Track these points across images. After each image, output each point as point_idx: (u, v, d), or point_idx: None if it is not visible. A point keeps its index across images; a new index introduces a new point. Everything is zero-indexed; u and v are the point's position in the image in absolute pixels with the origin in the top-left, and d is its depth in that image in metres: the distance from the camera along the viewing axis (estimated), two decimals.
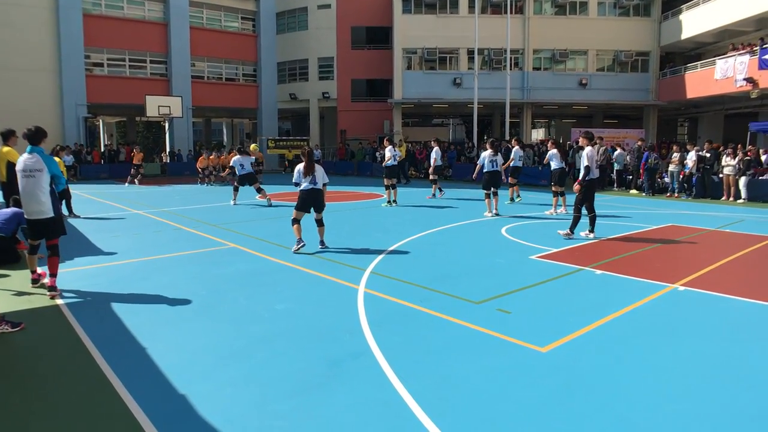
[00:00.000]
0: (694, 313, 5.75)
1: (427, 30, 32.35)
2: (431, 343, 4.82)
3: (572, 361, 4.42)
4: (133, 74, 32.54)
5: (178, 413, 3.58)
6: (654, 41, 32.73)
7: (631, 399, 3.76)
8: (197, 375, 4.16)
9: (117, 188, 22.18)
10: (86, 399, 3.82)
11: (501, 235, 10.47)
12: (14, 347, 4.84)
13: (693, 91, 28.90)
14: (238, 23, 36.55)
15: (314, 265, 7.88)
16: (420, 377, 4.09)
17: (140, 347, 4.73)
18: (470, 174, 26.02)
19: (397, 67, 32.78)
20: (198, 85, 34.36)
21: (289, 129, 45.80)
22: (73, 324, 5.35)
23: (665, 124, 36.89)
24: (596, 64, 33.39)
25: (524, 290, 6.52)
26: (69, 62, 29.56)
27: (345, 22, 36.32)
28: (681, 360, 4.48)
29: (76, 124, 30.02)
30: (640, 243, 9.74)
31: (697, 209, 15.20)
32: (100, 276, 7.27)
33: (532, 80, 32.83)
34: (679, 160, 18.98)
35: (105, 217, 13.08)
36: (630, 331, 5.12)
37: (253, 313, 5.69)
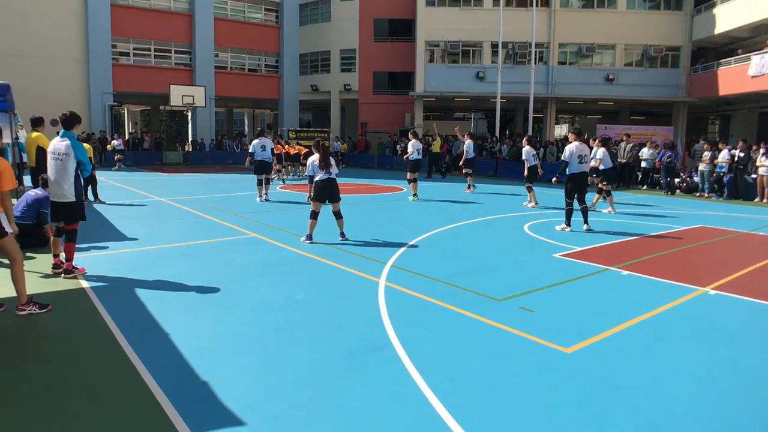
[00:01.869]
0: (726, 319, 5.56)
1: (451, 23, 32.06)
2: (453, 339, 4.74)
3: (598, 363, 4.30)
4: (158, 64, 32.80)
5: (200, 398, 3.58)
6: (685, 36, 31.99)
7: (659, 404, 3.64)
8: (218, 361, 4.16)
9: (140, 175, 22.39)
10: (111, 381, 3.85)
11: (524, 231, 10.32)
12: (42, 328, 4.89)
13: (726, 88, 28.17)
14: (262, 14, 36.60)
15: (334, 256, 7.83)
16: (441, 373, 4.02)
17: (163, 332, 4.75)
18: (492, 169, 25.95)
19: (419, 60, 32.57)
20: (221, 75, 34.53)
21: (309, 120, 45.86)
22: (98, 307, 5.42)
23: (695, 122, 36.08)
24: (624, 59, 32.78)
25: (548, 289, 6.39)
26: (96, 51, 29.92)
27: (368, 15, 36.17)
28: (711, 366, 4.33)
29: (102, 112, 30.40)
30: (668, 244, 9.52)
31: (728, 210, 14.82)
32: (124, 261, 7.33)
33: (557, 75, 32.39)
34: (709, 159, 18.53)
35: (128, 204, 13.19)
36: (658, 335, 4.97)
37: (273, 303, 5.67)
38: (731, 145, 18.82)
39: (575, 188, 10.22)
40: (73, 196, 6.38)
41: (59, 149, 6.31)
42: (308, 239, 8.75)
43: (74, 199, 6.40)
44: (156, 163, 29.43)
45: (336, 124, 38.62)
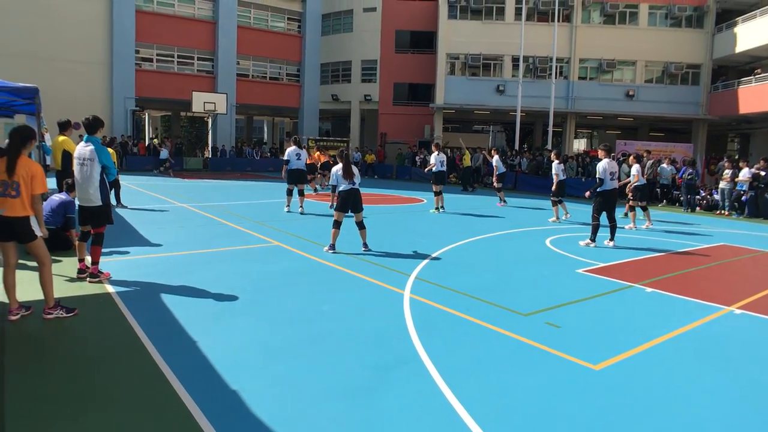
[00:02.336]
0: (752, 339, 5.50)
1: (472, 36, 32.17)
2: (480, 353, 4.74)
3: (627, 381, 4.28)
4: (181, 70, 33.26)
5: (231, 408, 3.60)
6: (706, 54, 31.83)
7: (688, 425, 3.62)
8: (247, 371, 4.18)
9: (161, 180, 22.64)
10: (140, 388, 3.87)
11: (546, 246, 10.29)
12: (69, 332, 4.94)
13: (746, 107, 27.99)
14: (284, 23, 37.00)
15: (358, 267, 7.87)
16: (470, 387, 4.02)
17: (190, 340, 4.78)
18: (511, 182, 25.89)
19: (440, 72, 32.69)
20: (242, 83, 34.93)
21: (329, 129, 46.13)
22: (124, 312, 5.46)
23: (715, 139, 35.81)
24: (644, 76, 32.65)
25: (573, 304, 6.37)
26: (120, 56, 30.43)
27: (389, 26, 36.41)
28: (741, 387, 4.29)
29: (124, 117, 30.84)
30: (691, 261, 9.45)
31: (749, 229, 14.67)
32: (149, 267, 7.40)
33: (577, 90, 32.32)
34: (730, 177, 18.39)
35: (151, 209, 13.34)
36: (686, 354, 4.94)
37: (299, 313, 5.69)
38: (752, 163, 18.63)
39: (605, 205, 10.19)
40: (99, 200, 6.46)
41: (84, 154, 6.38)
42: (331, 249, 8.80)
43: (100, 203, 6.47)
44: (176, 169, 29.72)
45: (355, 134, 38.83)
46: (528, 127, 38.54)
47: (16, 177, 4.98)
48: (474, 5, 32.03)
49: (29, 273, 6.60)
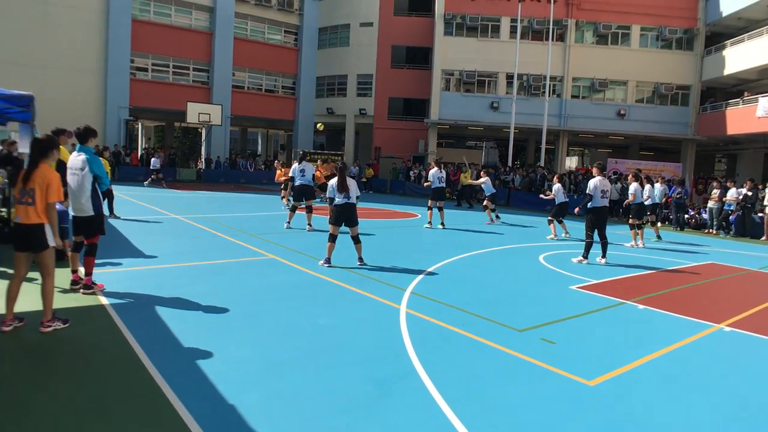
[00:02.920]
0: (742, 356, 5.61)
1: (467, 53, 32.48)
2: (477, 368, 4.79)
3: (621, 396, 4.35)
4: (176, 80, 33.23)
5: (230, 423, 3.60)
6: (695, 75, 32.31)
7: None
8: (245, 385, 4.19)
9: (154, 191, 22.59)
10: (137, 401, 3.86)
11: (539, 262, 10.38)
12: (65, 345, 4.92)
13: (733, 128, 28.40)
14: (281, 36, 37.19)
15: (354, 281, 7.90)
16: (468, 402, 4.06)
17: (186, 353, 4.78)
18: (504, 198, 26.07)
19: (435, 88, 32.93)
20: (238, 95, 34.98)
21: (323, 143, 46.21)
22: (119, 324, 5.43)
23: (703, 160, 36.26)
24: (635, 95, 33.06)
25: (567, 320, 6.44)
26: (115, 65, 30.32)
27: (386, 41, 36.68)
28: (732, 403, 4.37)
29: (118, 126, 30.71)
30: (681, 279, 9.57)
31: (736, 248, 14.86)
32: (143, 279, 7.38)
33: (570, 108, 32.65)
34: (718, 197, 18.64)
35: (144, 220, 13.31)
36: (679, 370, 5.02)
37: (295, 326, 5.71)
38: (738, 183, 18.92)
39: (597, 222, 10.33)
40: (92, 210, 6.43)
41: (75, 164, 6.38)
42: (327, 263, 8.84)
43: (92, 212, 6.45)
44: (169, 180, 29.65)
45: (350, 148, 38.92)
46: (521, 143, 38.83)
47: (32, 184, 5.04)
48: (470, 23, 32.39)
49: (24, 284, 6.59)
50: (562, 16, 31.94)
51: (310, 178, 13.29)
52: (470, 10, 32.31)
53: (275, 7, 36.07)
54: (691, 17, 31.94)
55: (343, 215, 8.87)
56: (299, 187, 13.12)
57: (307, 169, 13.22)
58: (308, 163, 13.57)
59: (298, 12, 36.98)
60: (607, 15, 32.04)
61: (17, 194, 5.11)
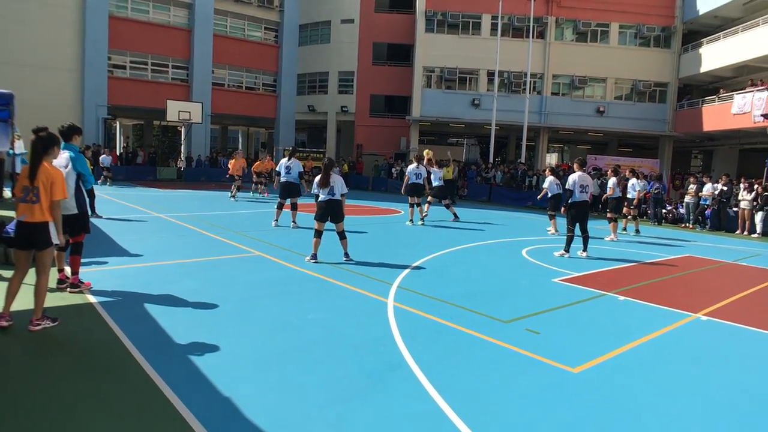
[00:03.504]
0: (719, 343, 5.83)
1: (449, 50, 32.66)
2: (465, 358, 4.91)
3: (604, 383, 4.50)
4: (155, 78, 32.92)
5: (227, 416, 3.66)
6: (673, 73, 32.87)
7: (663, 424, 3.83)
8: (239, 379, 4.25)
9: (135, 190, 22.42)
10: (133, 397, 3.89)
11: (522, 256, 10.56)
12: (56, 343, 4.92)
13: (709, 125, 28.97)
14: (261, 33, 37.02)
15: (341, 276, 7.99)
16: (458, 391, 4.18)
17: (178, 348, 4.82)
18: (485, 194, 26.32)
19: (416, 85, 33.07)
20: (218, 92, 34.76)
21: (304, 140, 46.14)
22: (108, 322, 5.44)
23: (679, 156, 36.92)
24: (614, 93, 33.54)
25: (550, 312, 6.60)
26: (92, 63, 29.96)
27: (367, 38, 36.72)
28: (710, 388, 4.55)
29: (96, 125, 30.33)
30: (659, 271, 9.82)
31: (712, 241, 15.24)
32: (130, 277, 7.37)
33: (550, 105, 33.01)
34: (694, 192, 19.05)
35: (127, 219, 13.23)
36: (659, 357, 5.20)
37: (285, 321, 5.78)
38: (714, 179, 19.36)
39: (577, 216, 10.52)
40: (76, 208, 6.39)
41: (59, 162, 6.27)
42: (313, 258, 8.90)
43: (77, 211, 6.42)
44: (149, 179, 29.39)
45: (331, 145, 38.93)
46: (502, 140, 39.12)
47: (37, 182, 5.05)
48: (451, 20, 32.57)
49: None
50: (543, 14, 32.28)
51: (296, 176, 12.89)
52: (451, 7, 32.50)
53: (255, 4, 35.90)
54: (668, 15, 32.49)
55: (326, 212, 8.93)
56: (284, 184, 12.92)
57: (294, 166, 12.90)
58: (296, 160, 13.23)
59: (279, 8, 36.83)
60: (586, 13, 32.46)
61: (20, 193, 5.12)
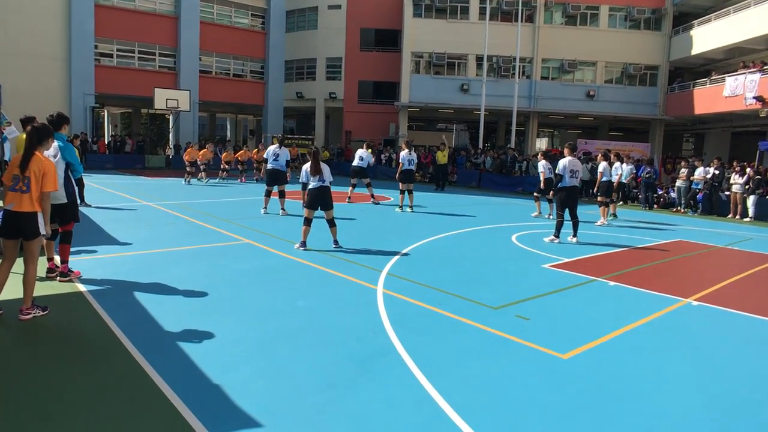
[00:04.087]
0: (710, 328, 5.86)
1: (437, 35, 32.44)
2: (454, 345, 4.91)
3: (594, 368, 4.51)
4: (142, 66, 32.56)
5: (216, 402, 3.65)
6: (663, 56, 32.81)
7: (654, 409, 3.85)
8: (228, 366, 4.23)
9: (124, 178, 22.24)
10: (123, 385, 3.88)
11: (512, 242, 10.56)
12: (46, 332, 4.90)
13: (701, 108, 28.97)
14: (248, 20, 36.63)
15: (330, 263, 7.96)
16: (447, 377, 4.17)
17: (168, 336, 4.80)
18: (475, 180, 26.31)
19: (405, 71, 32.87)
20: (205, 80, 34.44)
21: (293, 127, 45.90)
22: (98, 310, 5.42)
23: (671, 139, 36.99)
24: (604, 76, 33.46)
25: (540, 298, 6.61)
26: (79, 51, 29.59)
27: (354, 24, 36.44)
28: (701, 373, 4.57)
29: (83, 113, 30.03)
30: (650, 256, 9.85)
31: (704, 226, 15.31)
32: (119, 265, 7.33)
33: (540, 89, 32.92)
34: (686, 176, 19.10)
35: (116, 207, 13.13)
36: (649, 343, 5.21)
37: (274, 309, 5.77)
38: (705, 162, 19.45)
39: (567, 201, 10.51)
40: (65, 197, 6.37)
41: (47, 152, 6.27)
42: (302, 246, 8.87)
43: (65, 200, 6.38)
44: (138, 167, 29.16)
45: (320, 132, 38.74)
46: (491, 125, 39.06)
47: (28, 172, 5.02)
48: (439, 4, 32.30)
49: None
50: None
51: (284, 163, 12.87)
52: None
53: None
54: None
55: (317, 199, 8.89)
56: (271, 171, 12.86)
57: (282, 154, 12.88)
58: (285, 148, 13.21)
59: None
60: None
61: (9, 181, 5.08)
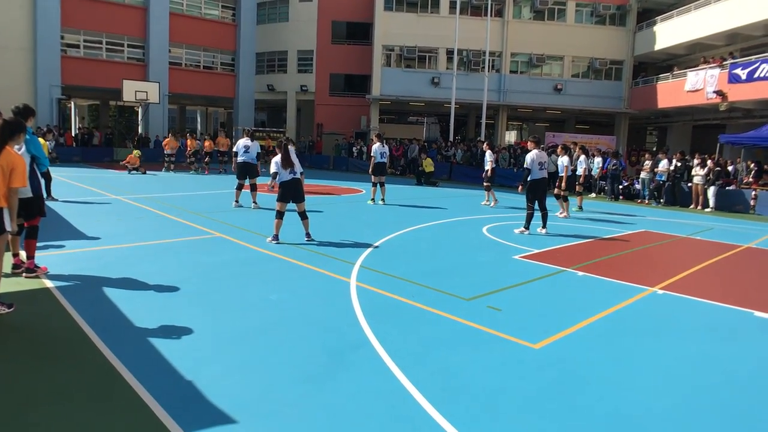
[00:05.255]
0: (674, 315, 6.04)
1: (408, 28, 32.53)
2: (427, 336, 4.97)
3: (564, 357, 4.62)
4: (110, 57, 31.84)
5: (188, 398, 3.63)
6: (628, 51, 33.49)
7: (622, 394, 3.97)
8: (201, 361, 4.21)
9: (92, 172, 21.78)
10: (92, 382, 3.83)
11: (483, 234, 10.69)
12: (11, 329, 4.79)
13: (664, 101, 29.69)
14: (219, 11, 36.10)
15: (303, 257, 7.95)
16: (420, 369, 4.23)
17: (138, 332, 4.75)
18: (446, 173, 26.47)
19: (376, 64, 32.87)
20: (175, 72, 33.86)
21: (264, 120, 45.49)
22: (66, 307, 5.33)
23: (635, 132, 37.81)
24: (571, 71, 34.02)
25: (511, 289, 6.72)
26: (44, 42, 28.82)
27: (326, 16, 36.26)
28: (666, 358, 4.72)
29: (50, 106, 29.26)
30: (616, 247, 10.08)
31: (667, 216, 15.70)
32: (87, 260, 7.20)
33: (509, 83, 33.29)
34: (650, 168, 19.56)
35: (84, 201, 12.88)
36: (617, 331, 5.36)
37: (247, 303, 5.75)
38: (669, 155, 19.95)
39: (536, 193, 10.67)
40: (30, 192, 6.20)
41: None
42: (274, 239, 8.84)
43: (30, 194, 6.23)
44: (106, 160, 28.55)
45: (291, 125, 38.49)
46: (462, 118, 39.32)
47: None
48: None
49: None
50: None
51: (254, 156, 12.88)
52: None
53: None
54: None
55: (289, 192, 8.85)
56: (242, 164, 12.79)
57: (253, 147, 12.88)
58: (255, 141, 13.21)
59: None
60: None
61: None
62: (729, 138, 21.54)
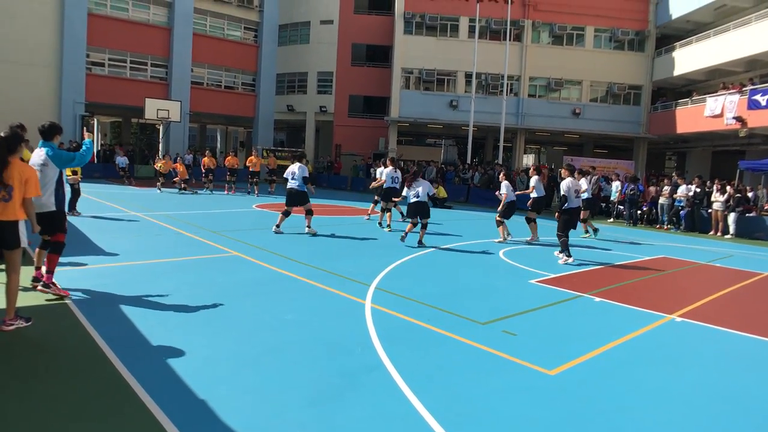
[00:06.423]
0: (693, 344, 5.94)
1: (427, 51, 32.84)
2: (442, 360, 4.93)
3: (581, 384, 4.55)
4: (133, 76, 32.54)
5: (202, 418, 3.63)
6: (647, 76, 33.44)
7: (640, 425, 3.90)
8: (215, 380, 4.22)
9: (112, 188, 22.11)
10: (106, 399, 3.84)
11: (500, 258, 10.64)
12: (29, 343, 4.84)
13: (683, 127, 29.52)
14: (241, 32, 36.79)
15: (318, 277, 7.97)
16: (434, 393, 4.19)
17: (153, 349, 4.77)
18: (463, 195, 26.48)
19: (395, 86, 33.15)
20: (197, 91, 34.47)
21: (283, 140, 45.96)
22: (83, 322, 5.36)
23: (654, 157, 37.58)
24: (590, 95, 34.01)
25: (527, 313, 6.66)
26: (70, 59, 29.56)
27: (346, 39, 36.75)
28: (685, 389, 4.63)
29: (73, 122, 29.87)
30: (634, 273, 9.96)
31: (686, 242, 15.51)
32: (106, 276, 7.28)
33: (527, 107, 33.35)
34: (669, 193, 19.39)
35: (104, 217, 13.07)
36: (634, 359, 5.27)
37: (262, 322, 5.76)
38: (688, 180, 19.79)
39: (571, 221, 10.62)
40: (53, 206, 6.26)
41: (36, 161, 6.25)
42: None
43: (54, 208, 6.28)
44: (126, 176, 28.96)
45: (310, 145, 38.85)
46: (479, 141, 39.43)
47: (10, 181, 4.99)
48: (429, 22, 32.73)
49: None
50: (519, 17, 32.61)
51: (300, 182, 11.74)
52: (429, 9, 32.67)
53: (235, 4, 35.73)
54: (642, 19, 33.04)
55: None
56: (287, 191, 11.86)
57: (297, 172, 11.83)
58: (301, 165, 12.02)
59: (258, 8, 36.66)
60: (562, 16, 32.87)
61: None
62: (749, 164, 21.31)
